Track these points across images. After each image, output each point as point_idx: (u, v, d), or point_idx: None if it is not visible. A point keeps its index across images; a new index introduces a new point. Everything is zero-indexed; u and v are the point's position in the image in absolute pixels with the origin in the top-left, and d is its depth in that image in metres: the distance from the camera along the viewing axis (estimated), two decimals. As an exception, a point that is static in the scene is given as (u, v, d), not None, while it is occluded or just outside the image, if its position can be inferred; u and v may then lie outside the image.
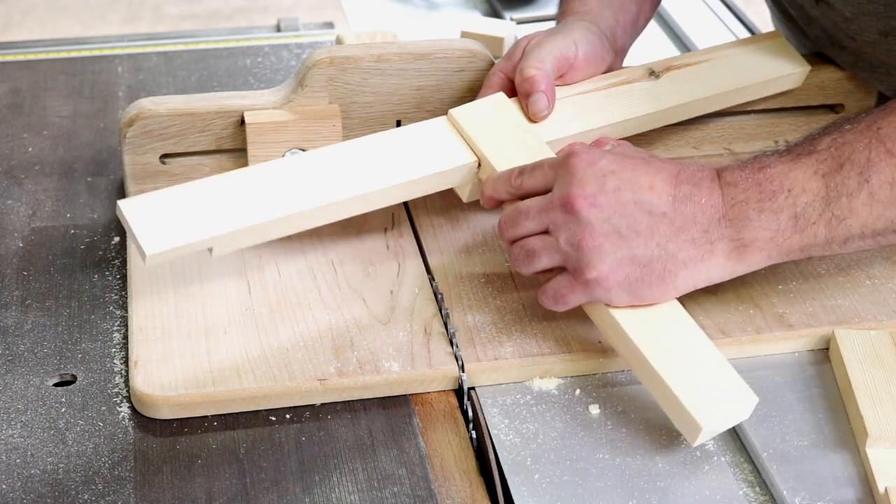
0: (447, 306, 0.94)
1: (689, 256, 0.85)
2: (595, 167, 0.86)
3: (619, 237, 0.84)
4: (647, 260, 0.85)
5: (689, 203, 0.85)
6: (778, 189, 0.85)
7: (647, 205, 0.85)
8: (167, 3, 3.46)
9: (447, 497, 0.80)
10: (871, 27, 1.01)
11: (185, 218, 0.87)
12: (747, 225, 0.85)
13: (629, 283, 0.85)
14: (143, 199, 0.88)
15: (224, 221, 0.87)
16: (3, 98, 1.29)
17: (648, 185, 0.85)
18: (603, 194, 0.85)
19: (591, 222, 0.85)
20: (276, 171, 0.92)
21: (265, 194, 0.90)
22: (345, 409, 0.88)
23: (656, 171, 0.86)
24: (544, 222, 0.87)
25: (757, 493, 0.83)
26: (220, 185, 0.90)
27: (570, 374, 0.90)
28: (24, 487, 0.80)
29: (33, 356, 0.92)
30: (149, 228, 0.86)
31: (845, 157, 0.85)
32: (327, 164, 0.93)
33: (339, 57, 1.03)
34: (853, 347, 0.91)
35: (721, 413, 0.82)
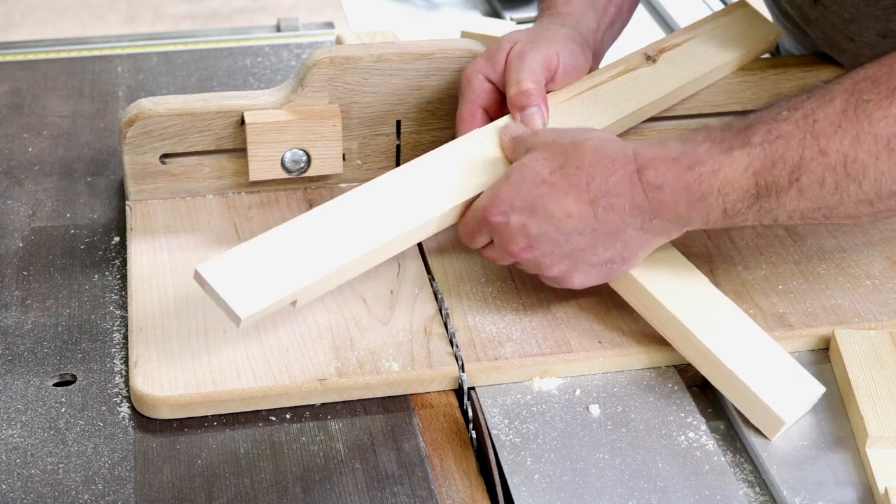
0: (447, 306, 0.94)
1: (638, 244, 0.89)
2: (509, 226, 0.89)
3: (572, 258, 0.89)
4: (605, 260, 0.90)
5: (612, 211, 0.87)
6: (708, 191, 0.85)
7: (575, 231, 0.88)
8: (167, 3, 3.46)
9: (447, 497, 0.80)
10: (869, 29, 1.01)
11: (266, 275, 0.85)
12: (679, 220, 0.87)
13: (602, 278, 0.92)
14: (222, 262, 0.86)
15: (305, 272, 0.86)
16: (3, 98, 1.29)
17: (566, 214, 0.87)
18: (535, 241, 0.88)
19: (539, 263, 0.90)
20: (341, 210, 0.91)
21: (336, 236, 0.89)
22: (345, 409, 0.88)
23: (565, 194, 0.87)
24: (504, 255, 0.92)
25: (757, 493, 0.83)
26: (292, 235, 0.88)
27: (570, 374, 0.90)
28: (24, 487, 0.80)
29: (33, 356, 0.92)
30: (235, 291, 0.84)
31: (778, 155, 0.84)
32: (385, 196, 0.92)
33: (339, 57, 1.03)
34: (853, 347, 0.91)
35: (798, 406, 0.86)
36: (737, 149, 0.84)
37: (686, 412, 0.87)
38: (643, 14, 1.55)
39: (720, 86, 1.11)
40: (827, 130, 0.82)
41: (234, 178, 1.07)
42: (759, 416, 0.86)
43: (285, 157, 1.04)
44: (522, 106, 0.97)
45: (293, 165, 1.05)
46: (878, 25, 0.99)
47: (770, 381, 0.86)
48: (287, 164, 1.05)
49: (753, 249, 1.02)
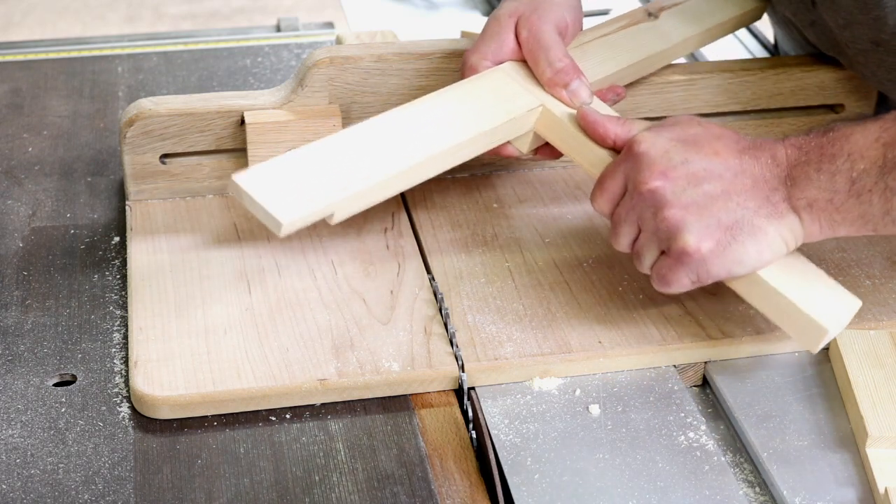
0: (447, 306, 0.94)
1: (770, 212, 0.86)
2: (656, 147, 0.87)
3: (699, 206, 0.85)
4: (731, 221, 0.85)
5: (755, 163, 0.86)
6: (838, 152, 0.86)
7: (716, 170, 0.86)
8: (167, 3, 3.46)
9: (447, 497, 0.80)
10: (863, 36, 1.01)
11: (305, 185, 0.85)
12: (808, 184, 0.86)
13: (723, 249, 0.85)
14: (258, 170, 0.85)
15: (343, 184, 0.86)
16: (3, 98, 1.29)
17: (713, 152, 0.86)
18: (672, 169, 0.86)
19: (666, 198, 0.85)
20: (378, 128, 0.91)
21: (374, 152, 0.89)
22: (345, 409, 0.88)
23: (716, 137, 0.88)
24: (633, 221, 0.88)
25: (757, 493, 0.83)
26: (325, 149, 0.88)
27: (570, 374, 0.90)
28: (24, 487, 0.80)
29: (33, 356, 0.92)
30: (276, 199, 0.83)
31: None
32: (412, 121, 0.92)
33: (339, 57, 1.03)
34: (853, 347, 0.91)
35: (839, 318, 0.86)
36: (871, 121, 0.86)
37: (686, 412, 0.87)
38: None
39: (720, 86, 1.11)
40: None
41: (234, 178, 1.07)
42: (801, 329, 0.86)
43: (285, 157, 1.04)
44: (565, 84, 0.96)
45: (293, 165, 1.05)
46: (870, 33, 1.00)
47: (810, 294, 0.86)
48: (287, 164, 1.05)
49: (753, 249, 1.02)
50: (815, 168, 0.86)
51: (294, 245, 1.01)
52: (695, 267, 0.86)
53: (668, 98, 1.11)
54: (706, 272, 0.86)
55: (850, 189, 0.85)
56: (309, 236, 1.02)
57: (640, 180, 0.86)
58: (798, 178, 0.86)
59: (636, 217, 0.87)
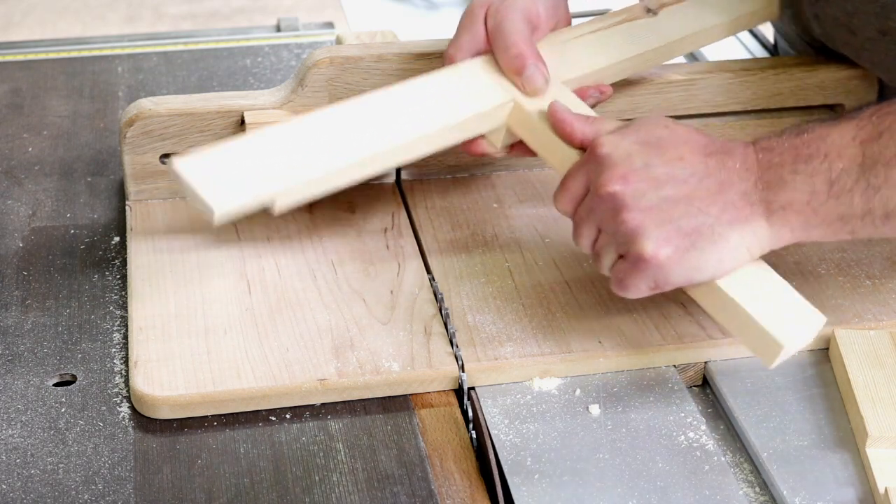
0: (447, 306, 0.94)
1: (733, 217, 0.84)
2: (619, 150, 0.85)
3: (659, 211, 0.84)
4: (692, 228, 0.83)
5: (722, 169, 0.85)
6: (814, 153, 0.84)
7: (679, 175, 0.84)
8: (167, 3, 3.46)
9: (447, 497, 0.80)
10: (869, 25, 1.01)
11: (244, 173, 0.83)
12: (783, 187, 0.84)
13: (681, 255, 0.84)
14: (198, 156, 0.83)
15: (285, 173, 0.84)
16: (3, 98, 1.29)
17: (678, 156, 0.85)
18: (633, 173, 0.84)
19: (626, 202, 0.84)
20: (327, 119, 0.89)
21: (319, 144, 0.87)
22: (345, 409, 0.88)
23: (683, 142, 0.86)
24: (594, 223, 0.87)
25: (757, 493, 0.83)
26: (273, 137, 0.86)
27: (570, 374, 0.90)
28: (24, 487, 0.80)
29: (33, 356, 0.92)
30: (211, 186, 0.81)
31: (885, 126, 0.84)
32: (374, 110, 0.90)
33: (339, 57, 1.03)
34: (853, 347, 0.91)
35: (798, 334, 0.84)
36: (844, 121, 0.85)
37: (686, 412, 0.87)
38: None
39: (720, 86, 1.11)
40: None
41: (234, 178, 1.07)
42: (758, 343, 0.84)
43: (285, 157, 1.04)
44: (519, 69, 0.94)
45: (293, 165, 1.05)
46: (877, 22, 1.00)
47: (769, 307, 0.84)
48: (287, 164, 1.05)
49: (753, 249, 1.02)
50: (789, 170, 0.84)
51: (294, 245, 1.01)
52: (652, 273, 0.84)
53: (668, 98, 1.11)
54: (664, 278, 0.85)
55: (830, 190, 0.84)
56: (309, 236, 1.02)
57: (601, 183, 0.85)
58: (771, 182, 0.84)
59: (596, 219, 0.86)
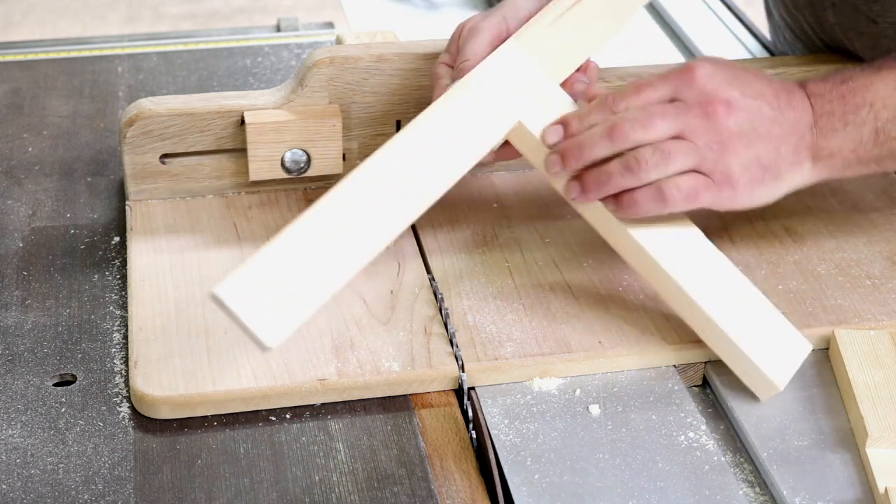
0: (447, 306, 0.94)
1: (793, 160, 0.89)
2: (718, 77, 0.88)
3: (749, 139, 0.88)
4: (767, 162, 0.88)
5: (789, 109, 0.89)
6: (861, 103, 0.88)
7: (764, 109, 0.88)
8: (167, 3, 3.46)
9: (447, 497, 0.80)
10: (892, 8, 1.01)
11: (288, 291, 0.79)
12: (834, 135, 0.89)
13: (752, 185, 0.89)
14: (240, 282, 0.77)
15: (325, 279, 0.81)
16: (3, 98, 1.29)
17: (759, 92, 0.88)
18: (736, 99, 0.87)
19: (730, 126, 0.87)
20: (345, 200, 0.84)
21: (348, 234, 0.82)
22: (345, 409, 0.88)
23: (758, 78, 0.90)
24: (679, 127, 0.88)
25: (757, 493, 0.83)
26: (303, 237, 0.81)
27: (570, 374, 0.90)
28: (24, 487, 0.80)
29: (33, 356, 0.92)
30: (261, 318, 0.77)
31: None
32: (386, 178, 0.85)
33: (339, 57, 1.03)
34: (853, 347, 0.91)
35: (789, 369, 0.88)
36: (886, 69, 0.89)
37: (686, 412, 0.87)
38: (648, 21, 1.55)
39: None
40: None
41: (234, 178, 1.07)
42: (752, 379, 0.88)
43: (285, 157, 1.04)
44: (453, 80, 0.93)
45: (293, 165, 1.05)
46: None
47: (763, 344, 0.88)
48: (287, 164, 1.05)
49: (753, 249, 1.02)
50: (840, 119, 0.88)
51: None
52: (724, 194, 0.88)
53: (668, 98, 1.11)
54: (729, 199, 0.89)
55: (876, 140, 0.88)
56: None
57: (708, 101, 0.87)
58: (824, 129, 0.89)
59: (684, 125, 0.87)
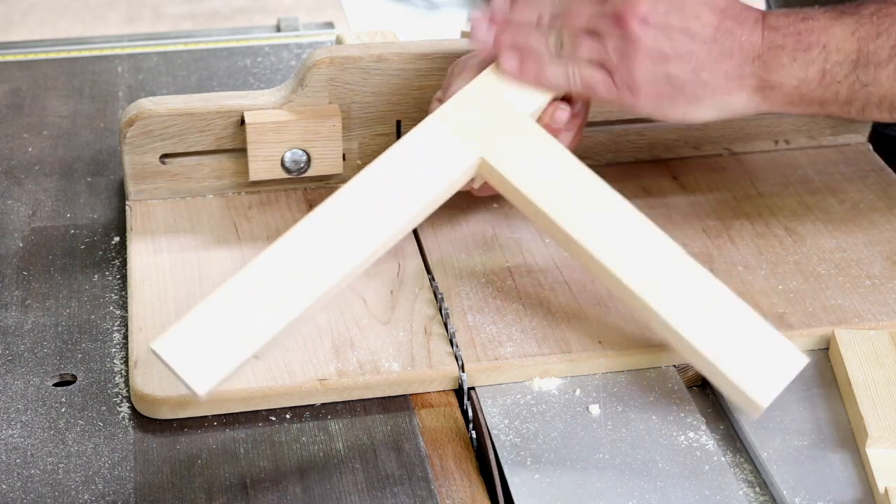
0: (447, 306, 0.94)
1: (718, 87, 0.89)
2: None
3: (661, 56, 0.88)
4: (680, 83, 0.88)
5: (729, 37, 0.89)
6: (815, 42, 0.88)
7: (690, 31, 0.88)
8: (167, 3, 3.46)
9: (447, 497, 0.80)
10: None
11: (221, 339, 0.79)
12: (778, 70, 0.89)
13: (658, 97, 0.89)
14: (174, 335, 0.79)
15: (261, 328, 0.80)
16: (3, 98, 1.29)
17: (695, 14, 0.88)
18: (654, 15, 0.88)
19: (639, 38, 0.88)
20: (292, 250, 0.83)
21: (290, 278, 0.82)
22: (345, 409, 0.88)
23: (704, 1, 0.89)
24: (592, 27, 0.89)
25: (757, 493, 0.83)
26: (242, 289, 0.81)
27: (570, 374, 0.90)
28: (24, 487, 0.80)
29: (33, 356, 0.92)
30: (191, 365, 0.78)
31: (884, 28, 0.88)
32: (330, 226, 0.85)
33: (339, 57, 1.03)
34: (853, 347, 0.91)
35: (774, 385, 0.83)
36: (847, 15, 0.89)
37: (686, 412, 0.87)
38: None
39: None
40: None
41: (234, 178, 1.07)
42: (736, 397, 0.84)
43: (285, 157, 1.04)
44: None
45: (293, 165, 1.05)
46: None
47: (746, 362, 0.83)
48: (287, 164, 1.05)
49: (753, 249, 1.02)
50: (789, 55, 0.88)
51: (294, 245, 1.01)
52: (624, 98, 0.89)
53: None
54: (630, 103, 0.90)
55: (821, 80, 0.88)
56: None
57: (623, 11, 0.87)
58: (770, 63, 0.89)
59: (598, 24, 0.89)
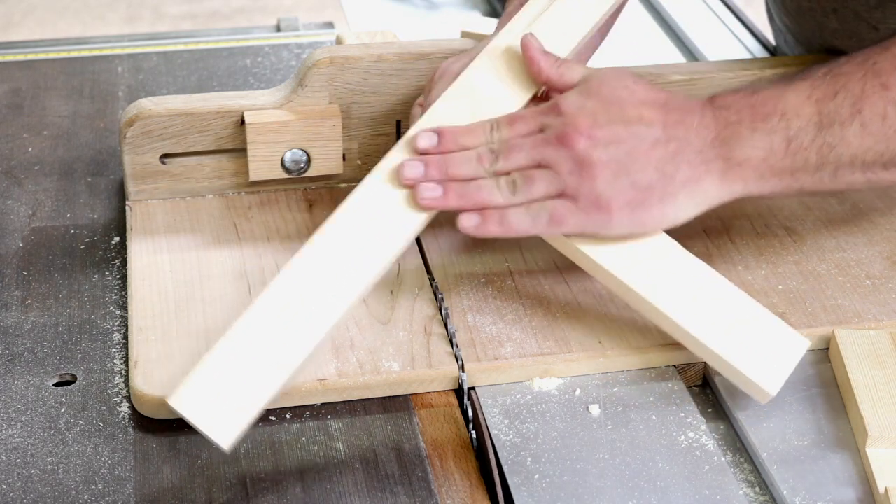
0: (447, 306, 0.94)
1: (686, 177, 0.87)
2: (585, 109, 0.88)
3: (619, 165, 0.86)
4: (646, 184, 0.87)
5: (680, 127, 0.88)
6: (771, 111, 0.87)
7: (639, 134, 0.87)
8: (167, 3, 3.46)
9: (447, 497, 0.80)
10: (894, 14, 1.01)
11: (238, 387, 0.78)
12: (741, 144, 0.87)
13: (631, 209, 0.87)
14: (191, 387, 0.78)
15: (276, 369, 0.80)
16: (3, 98, 1.29)
17: (637, 117, 0.87)
18: (598, 128, 0.87)
19: (590, 154, 0.87)
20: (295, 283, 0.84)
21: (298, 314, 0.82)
22: (345, 409, 0.88)
23: (641, 102, 0.88)
24: (539, 158, 0.88)
25: (757, 493, 0.83)
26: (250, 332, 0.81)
27: (570, 374, 0.90)
28: (24, 487, 0.80)
29: (33, 356, 0.92)
30: (213, 419, 0.77)
31: (840, 86, 0.87)
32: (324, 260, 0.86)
33: (339, 57, 1.03)
34: (853, 347, 0.91)
35: (781, 371, 0.85)
36: (798, 81, 0.88)
37: (686, 412, 0.87)
38: (648, 21, 1.55)
39: (720, 86, 1.11)
40: (886, 69, 0.87)
41: (234, 178, 1.07)
42: (745, 385, 0.86)
43: (285, 157, 1.04)
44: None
45: (293, 165, 1.05)
46: None
47: (752, 351, 0.85)
48: (287, 164, 1.05)
49: (753, 249, 1.02)
50: (748, 128, 0.87)
51: (294, 245, 1.01)
52: (596, 219, 0.87)
53: (668, 98, 1.10)
54: (605, 225, 0.87)
55: (788, 148, 0.87)
56: (309, 236, 1.01)
57: (566, 132, 0.87)
58: (729, 138, 0.87)
59: (543, 156, 0.88)
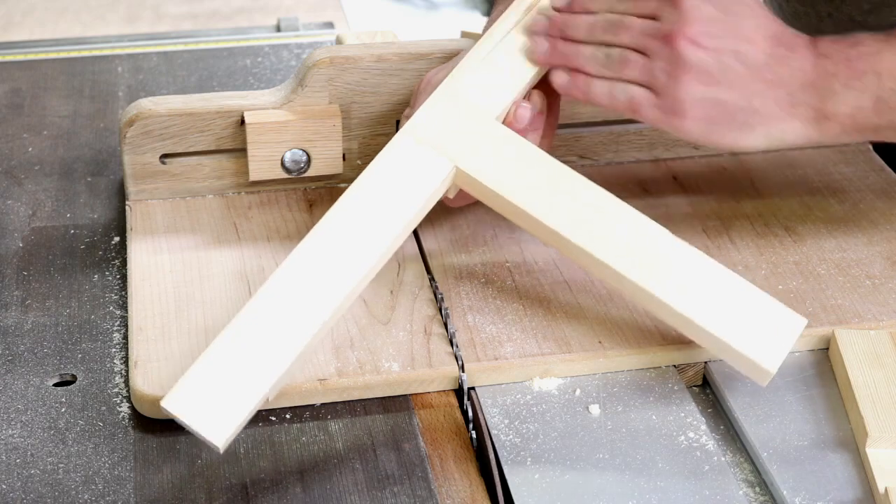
0: (447, 306, 0.94)
1: (770, 114, 0.88)
2: (702, 10, 0.87)
3: (710, 78, 0.87)
4: (729, 107, 0.87)
5: (782, 64, 0.87)
6: (867, 69, 0.87)
7: (743, 56, 0.87)
8: (167, 3, 3.45)
9: (447, 497, 0.80)
10: (889, 19, 1.01)
11: (231, 386, 0.78)
12: (832, 97, 0.87)
13: (707, 122, 0.88)
14: (183, 389, 0.78)
15: (268, 368, 0.80)
16: (3, 98, 1.30)
17: (748, 38, 0.87)
18: (706, 37, 0.87)
19: (689, 60, 0.87)
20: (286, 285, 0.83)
21: (289, 314, 0.82)
22: (345, 409, 0.88)
23: (757, 26, 0.88)
24: (642, 44, 0.88)
25: (757, 493, 0.83)
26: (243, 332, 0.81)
27: (570, 374, 0.90)
28: (24, 487, 0.80)
29: (33, 356, 0.92)
30: (206, 418, 0.77)
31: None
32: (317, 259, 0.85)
33: (339, 57, 1.03)
34: (853, 347, 0.91)
35: (780, 349, 0.85)
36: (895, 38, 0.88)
37: (686, 412, 0.87)
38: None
39: None
40: None
41: (234, 178, 1.07)
42: (744, 366, 0.86)
43: (285, 157, 1.04)
44: None
45: (293, 165, 1.05)
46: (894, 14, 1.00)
47: (750, 330, 0.85)
48: (287, 164, 1.05)
49: (753, 249, 1.02)
50: (842, 83, 0.87)
51: (294, 246, 1.00)
52: (671, 122, 0.88)
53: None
54: (677, 125, 0.88)
55: (875, 106, 0.87)
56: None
57: (674, 31, 0.87)
58: (823, 91, 0.87)
59: (646, 45, 0.88)
